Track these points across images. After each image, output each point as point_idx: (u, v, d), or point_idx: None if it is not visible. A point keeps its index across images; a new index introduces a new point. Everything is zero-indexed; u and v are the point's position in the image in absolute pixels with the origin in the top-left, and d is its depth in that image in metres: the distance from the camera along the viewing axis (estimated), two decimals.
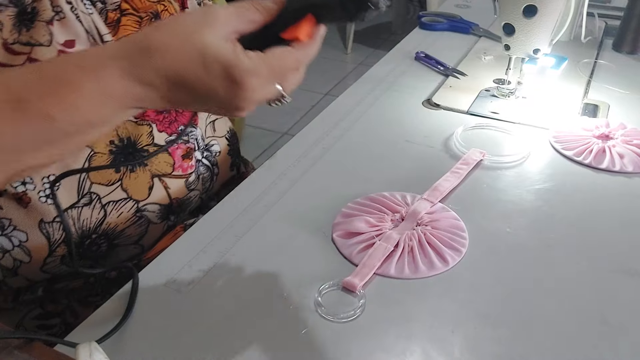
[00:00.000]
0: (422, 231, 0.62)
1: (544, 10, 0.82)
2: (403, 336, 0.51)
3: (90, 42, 0.64)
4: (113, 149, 0.67)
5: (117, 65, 0.44)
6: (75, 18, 0.63)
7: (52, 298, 0.71)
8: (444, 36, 1.22)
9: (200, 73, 0.45)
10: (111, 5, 0.67)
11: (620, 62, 1.08)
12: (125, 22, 0.68)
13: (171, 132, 0.73)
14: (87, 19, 0.64)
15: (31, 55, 0.60)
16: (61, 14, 0.62)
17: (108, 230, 0.68)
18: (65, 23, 0.63)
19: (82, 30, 0.64)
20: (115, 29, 0.67)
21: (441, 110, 0.91)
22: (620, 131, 0.81)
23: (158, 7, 0.71)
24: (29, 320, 0.70)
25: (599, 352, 0.50)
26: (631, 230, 0.65)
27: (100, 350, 0.44)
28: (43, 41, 0.61)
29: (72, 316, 0.71)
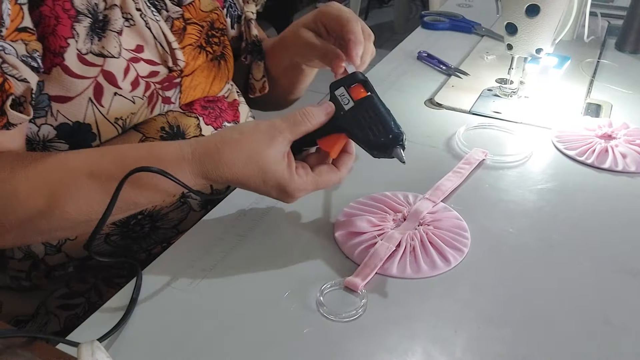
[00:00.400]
0: (424, 231, 0.62)
1: (547, 10, 0.82)
2: (405, 336, 0.51)
3: (158, 48, 0.67)
4: (164, 135, 0.70)
5: (191, 169, 0.57)
6: (145, 25, 0.66)
7: (80, 276, 0.72)
8: (446, 35, 1.22)
9: (259, 184, 0.58)
10: (174, 14, 0.71)
11: (623, 61, 1.08)
12: (191, 31, 0.73)
13: (217, 126, 0.76)
14: (155, 26, 0.67)
15: (104, 67, 0.62)
16: (131, 21, 0.65)
17: (153, 212, 0.70)
18: (135, 29, 0.65)
19: (151, 36, 0.66)
20: (181, 36, 0.71)
21: (443, 109, 0.91)
22: (623, 131, 0.80)
23: (212, 16, 0.76)
24: (53, 300, 0.72)
25: (601, 352, 0.50)
26: (634, 230, 0.64)
27: (103, 350, 0.44)
28: (114, 53, 0.63)
29: (96, 295, 0.73)
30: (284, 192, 0.58)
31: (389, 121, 0.57)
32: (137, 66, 0.66)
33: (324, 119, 0.59)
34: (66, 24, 0.59)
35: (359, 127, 0.58)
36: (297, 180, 0.58)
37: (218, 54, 0.78)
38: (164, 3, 0.70)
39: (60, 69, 0.60)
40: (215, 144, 0.57)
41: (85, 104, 0.63)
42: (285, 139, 0.57)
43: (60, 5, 0.59)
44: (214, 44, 0.77)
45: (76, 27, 0.60)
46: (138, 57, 0.66)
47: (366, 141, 0.58)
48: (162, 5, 0.70)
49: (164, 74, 0.69)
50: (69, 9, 0.60)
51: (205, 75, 0.76)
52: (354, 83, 0.60)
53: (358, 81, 0.59)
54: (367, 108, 0.58)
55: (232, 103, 0.82)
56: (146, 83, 0.67)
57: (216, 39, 0.77)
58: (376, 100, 0.58)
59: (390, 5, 3.86)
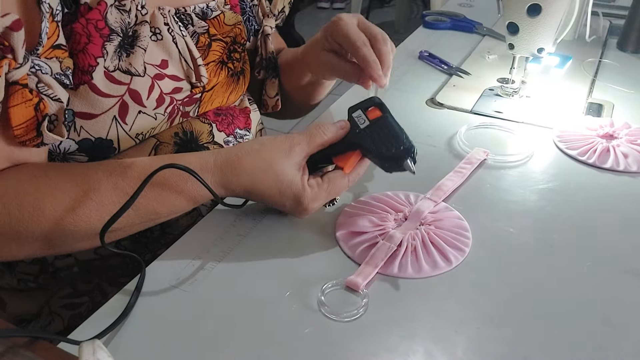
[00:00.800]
0: (426, 230, 0.62)
1: (548, 9, 0.81)
2: (406, 336, 0.51)
3: (182, 63, 0.68)
4: (177, 141, 0.71)
5: (212, 177, 0.59)
6: (172, 40, 0.67)
7: (85, 277, 0.72)
8: (447, 35, 1.22)
9: (275, 194, 0.60)
10: (200, 29, 0.71)
11: (624, 61, 1.08)
12: (215, 47, 0.73)
13: (229, 132, 0.77)
14: (181, 41, 0.68)
15: (130, 85, 0.63)
16: (159, 35, 0.66)
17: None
18: (162, 44, 0.66)
19: (176, 51, 0.67)
20: (205, 52, 0.72)
21: (445, 109, 0.91)
22: (625, 130, 0.80)
23: (235, 31, 0.77)
24: (57, 299, 0.72)
25: (602, 352, 0.50)
26: (635, 230, 0.64)
27: (104, 348, 0.44)
28: (140, 70, 0.63)
29: (100, 295, 0.73)
30: (299, 204, 0.61)
31: (401, 135, 0.60)
32: (161, 83, 0.66)
33: (339, 132, 0.62)
34: (97, 43, 0.59)
35: (372, 142, 0.61)
36: (310, 191, 0.60)
37: (238, 70, 0.79)
38: (190, 18, 0.70)
39: (88, 87, 0.60)
40: (237, 154, 0.60)
41: (109, 121, 0.63)
42: (302, 150, 0.61)
43: (94, 24, 0.59)
44: (235, 60, 0.77)
45: (107, 47, 0.60)
46: (162, 73, 0.66)
47: (379, 154, 0.61)
48: (189, 20, 0.70)
49: (187, 90, 0.69)
50: (102, 27, 0.60)
51: (224, 89, 0.76)
52: (370, 106, 0.63)
53: (374, 105, 0.63)
54: (381, 126, 0.61)
55: (244, 110, 0.82)
56: (170, 99, 0.67)
57: (237, 55, 0.78)
58: (390, 119, 0.62)
59: (392, 5, 3.86)
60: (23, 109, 0.54)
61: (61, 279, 0.72)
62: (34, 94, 0.54)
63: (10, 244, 0.57)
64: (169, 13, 0.67)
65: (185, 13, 0.70)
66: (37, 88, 0.54)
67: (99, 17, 0.59)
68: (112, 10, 0.60)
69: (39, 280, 0.71)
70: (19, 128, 0.54)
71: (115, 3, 0.61)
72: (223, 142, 0.76)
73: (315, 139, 0.61)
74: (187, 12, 0.70)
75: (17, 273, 0.71)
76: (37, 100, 0.54)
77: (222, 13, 0.74)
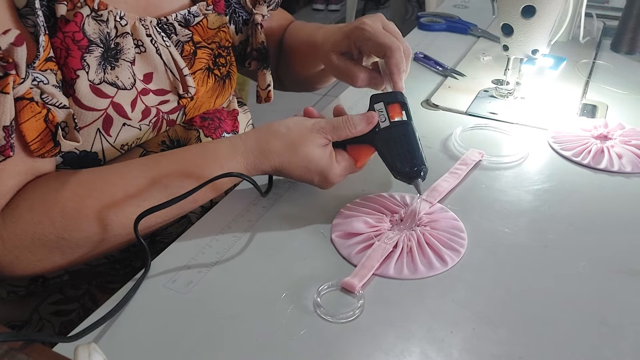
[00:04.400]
0: (421, 232, 0.62)
1: (543, 11, 0.82)
2: (402, 337, 0.51)
3: (168, 75, 0.67)
4: (164, 149, 0.71)
5: (244, 160, 0.63)
6: (155, 51, 0.66)
7: (74, 283, 0.72)
8: (442, 37, 1.22)
9: (303, 172, 0.64)
10: (184, 37, 0.70)
11: (618, 62, 1.08)
12: (201, 55, 0.72)
13: (216, 137, 0.76)
14: (165, 52, 0.67)
15: (114, 99, 0.62)
16: (142, 47, 0.65)
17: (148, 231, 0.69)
18: (145, 56, 0.65)
19: (161, 63, 0.67)
20: (191, 61, 0.71)
21: (440, 110, 0.91)
22: (619, 131, 0.81)
23: (220, 35, 0.76)
24: (47, 306, 0.72)
25: (598, 352, 0.50)
26: (630, 230, 0.65)
27: (100, 352, 0.44)
28: (127, 84, 0.63)
29: (91, 301, 0.72)
30: (325, 179, 0.65)
31: (417, 153, 0.62)
32: (146, 98, 0.65)
33: (365, 129, 0.64)
34: (76, 56, 0.59)
35: (388, 149, 0.63)
36: (337, 167, 0.64)
37: (224, 74, 0.78)
38: (173, 27, 0.69)
39: (72, 100, 0.60)
40: (265, 137, 0.63)
41: (93, 134, 0.63)
42: (326, 136, 0.64)
43: (70, 37, 0.58)
44: (220, 65, 0.77)
45: (86, 58, 0.60)
46: (147, 88, 0.66)
47: (392, 165, 0.63)
48: (172, 30, 0.69)
49: (174, 101, 0.69)
50: (79, 39, 0.59)
51: (210, 95, 0.76)
52: (393, 102, 0.63)
53: (398, 102, 0.63)
54: (400, 133, 0.62)
55: (231, 112, 0.82)
56: (156, 110, 0.68)
57: (223, 60, 0.77)
58: (410, 128, 0.63)
59: (387, 6, 3.86)
60: (34, 123, 0.54)
61: (51, 286, 0.71)
62: (40, 106, 0.54)
63: (54, 254, 0.57)
64: (150, 24, 0.66)
65: (167, 22, 0.69)
66: (42, 99, 0.55)
67: (76, 29, 0.59)
68: (89, 21, 0.60)
69: (29, 288, 0.71)
70: (34, 142, 0.55)
71: (92, 14, 0.60)
72: None
73: (340, 132, 0.64)
74: (169, 22, 0.69)
75: (7, 285, 0.70)
76: (45, 112, 0.54)
77: (205, 17, 0.73)
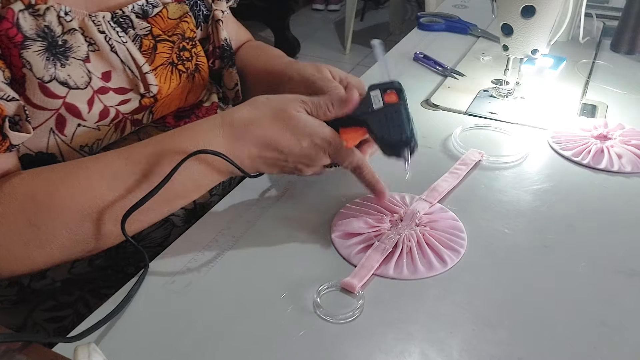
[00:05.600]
0: (421, 232, 0.62)
1: (542, 11, 0.82)
2: (401, 337, 0.51)
3: (127, 73, 0.64)
4: None
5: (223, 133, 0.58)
6: (110, 49, 0.62)
7: (66, 289, 0.71)
8: (442, 37, 1.22)
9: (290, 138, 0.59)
10: (142, 30, 0.66)
11: (618, 62, 1.08)
12: (161, 49, 0.68)
13: None
14: (122, 49, 0.63)
15: (66, 99, 0.59)
16: (95, 46, 0.61)
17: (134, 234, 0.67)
18: (101, 54, 0.62)
19: (118, 60, 0.63)
20: (151, 56, 0.67)
21: (439, 110, 0.91)
22: (619, 131, 0.81)
23: (182, 26, 0.71)
24: (40, 312, 0.71)
25: (597, 352, 0.50)
26: (630, 230, 0.65)
27: (99, 352, 0.44)
28: (80, 83, 0.60)
29: (84, 307, 0.71)
30: (318, 141, 0.60)
31: (407, 126, 0.61)
32: (105, 97, 0.62)
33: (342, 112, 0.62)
34: (14, 53, 0.56)
35: (379, 125, 0.61)
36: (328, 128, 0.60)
37: (192, 69, 0.74)
38: (129, 20, 0.65)
39: (23, 99, 0.57)
40: (243, 107, 0.61)
41: (46, 134, 0.60)
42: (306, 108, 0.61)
43: (4, 34, 0.55)
44: (185, 59, 0.72)
45: (24, 55, 0.56)
46: (106, 86, 0.62)
47: (381, 138, 0.61)
48: (128, 23, 0.65)
49: (135, 100, 0.66)
50: (13, 35, 0.55)
51: (179, 92, 0.72)
52: (389, 89, 0.63)
53: (394, 88, 0.63)
54: (392, 111, 0.62)
55: (211, 107, 0.78)
56: (116, 111, 0.64)
57: (187, 54, 0.73)
58: (403, 108, 0.62)
59: (386, 6, 3.86)
60: None
61: (43, 293, 0.70)
62: None
63: (30, 248, 0.54)
64: (103, 19, 0.62)
65: (124, 15, 0.65)
66: None
67: (9, 25, 0.55)
68: (25, 16, 0.56)
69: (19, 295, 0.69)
70: None
71: (28, 9, 0.56)
72: None
73: (319, 112, 0.61)
74: (125, 14, 0.65)
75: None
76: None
77: (165, 7, 0.69)
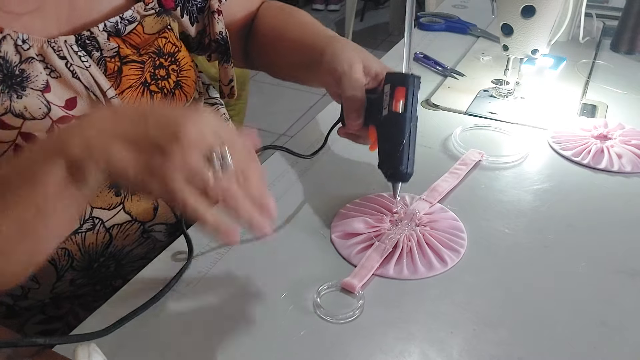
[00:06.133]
0: (421, 232, 0.62)
1: (542, 11, 0.82)
2: (402, 337, 0.51)
3: (93, 98, 0.60)
4: None
5: (43, 143, 0.46)
6: (72, 75, 0.59)
7: (55, 304, 0.70)
8: (442, 37, 1.22)
9: (132, 119, 0.45)
10: (108, 52, 0.62)
11: (618, 62, 1.08)
12: (127, 72, 0.63)
13: None
14: (84, 74, 0.59)
15: (22, 129, 0.56)
16: (55, 73, 0.58)
17: (115, 252, 0.66)
18: (63, 81, 0.58)
19: (82, 86, 0.60)
20: (117, 80, 0.63)
21: (440, 110, 0.91)
22: (619, 131, 0.81)
23: (159, 42, 0.67)
24: (31, 326, 0.70)
25: (597, 352, 0.50)
26: (630, 230, 0.65)
27: (99, 352, 0.44)
28: (37, 114, 0.56)
29: (74, 319, 0.70)
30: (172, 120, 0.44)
31: (405, 157, 0.59)
32: None
33: None
34: None
35: (383, 141, 0.62)
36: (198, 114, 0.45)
37: (171, 86, 0.69)
38: (96, 42, 0.61)
39: None
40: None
41: None
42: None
43: None
44: (160, 78, 0.67)
45: None
46: (68, 115, 0.58)
47: (381, 160, 0.62)
48: (94, 45, 0.61)
49: None
50: None
51: None
52: (401, 85, 0.60)
53: (404, 85, 0.60)
54: (392, 125, 0.60)
55: None
56: None
57: (163, 71, 0.67)
58: (402, 124, 0.59)
59: (386, 6, 3.86)
60: None
61: (33, 308, 0.69)
62: None
63: None
64: (65, 44, 0.58)
65: (91, 36, 0.60)
66: None
67: None
68: None
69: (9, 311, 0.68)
70: None
71: None
72: None
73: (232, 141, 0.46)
74: (92, 35, 0.60)
75: None
76: None
77: (140, 23, 0.64)
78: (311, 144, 0.81)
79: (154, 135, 0.43)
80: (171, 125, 0.43)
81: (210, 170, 0.44)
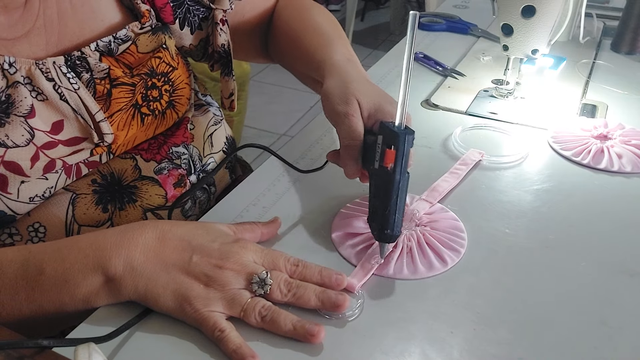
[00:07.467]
0: (421, 232, 0.62)
1: (543, 11, 0.82)
2: (402, 337, 0.51)
3: (80, 121, 0.58)
4: (97, 189, 0.64)
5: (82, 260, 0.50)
6: (60, 98, 0.57)
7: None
8: (442, 37, 1.22)
9: (201, 232, 0.54)
10: (99, 74, 0.60)
11: (618, 62, 1.08)
12: (117, 95, 0.61)
13: (161, 157, 0.69)
14: (73, 97, 0.58)
15: (5, 157, 0.54)
16: (42, 96, 0.56)
17: None
18: (50, 103, 0.56)
19: (70, 109, 0.58)
20: (106, 103, 0.61)
21: (440, 110, 0.91)
22: (619, 131, 0.81)
23: (153, 62, 0.65)
24: None
25: (598, 353, 0.50)
26: (630, 230, 0.65)
27: (99, 352, 0.44)
28: (19, 142, 0.54)
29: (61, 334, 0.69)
30: (234, 239, 0.55)
31: (392, 219, 0.56)
32: (51, 152, 0.57)
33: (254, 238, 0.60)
34: None
35: (373, 195, 0.60)
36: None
37: (163, 107, 0.68)
38: (86, 63, 0.59)
39: None
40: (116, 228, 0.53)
41: None
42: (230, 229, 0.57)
43: None
44: (152, 99, 0.66)
45: None
46: (54, 139, 0.57)
47: (370, 212, 0.60)
48: (84, 66, 0.59)
49: (87, 150, 0.60)
50: None
51: (144, 129, 0.67)
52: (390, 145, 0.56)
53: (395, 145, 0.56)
54: (381, 183, 0.58)
55: (182, 120, 0.73)
56: (62, 162, 0.59)
57: (156, 92, 0.66)
58: (395, 186, 0.56)
59: (387, 6, 3.86)
60: None
61: None
62: None
63: None
64: (54, 65, 0.57)
65: (81, 57, 0.59)
66: None
67: None
68: None
69: None
70: None
71: None
72: (154, 172, 0.67)
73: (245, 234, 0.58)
74: (83, 55, 0.59)
75: None
76: None
77: (134, 43, 0.63)
78: (311, 144, 0.81)
79: (197, 263, 0.51)
80: (214, 258, 0.51)
81: (251, 294, 0.51)
